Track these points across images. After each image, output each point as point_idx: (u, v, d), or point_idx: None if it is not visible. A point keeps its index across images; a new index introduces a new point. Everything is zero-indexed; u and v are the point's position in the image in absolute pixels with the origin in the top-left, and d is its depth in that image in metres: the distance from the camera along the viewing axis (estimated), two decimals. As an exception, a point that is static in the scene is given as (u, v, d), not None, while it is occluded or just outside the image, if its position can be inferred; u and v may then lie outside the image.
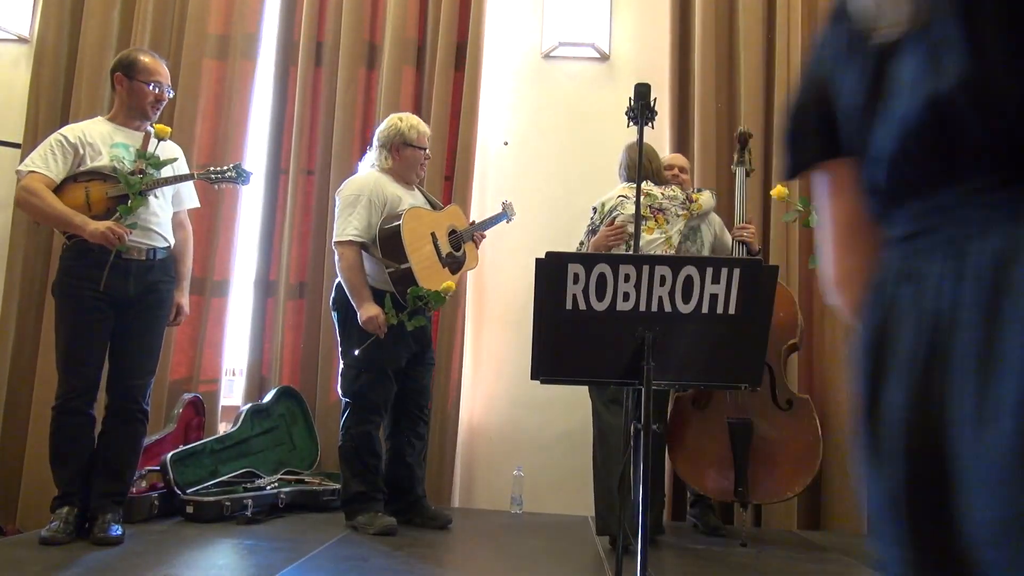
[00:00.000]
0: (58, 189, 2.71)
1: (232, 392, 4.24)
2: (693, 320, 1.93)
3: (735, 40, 4.11)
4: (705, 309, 1.93)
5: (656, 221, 3.18)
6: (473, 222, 3.45)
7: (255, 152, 4.19)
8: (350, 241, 3.06)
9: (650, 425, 1.91)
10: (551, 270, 1.93)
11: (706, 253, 3.45)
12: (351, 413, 3.11)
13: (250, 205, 4.16)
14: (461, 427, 4.01)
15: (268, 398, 3.80)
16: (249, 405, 3.74)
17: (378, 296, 3.04)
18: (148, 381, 2.81)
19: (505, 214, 3.56)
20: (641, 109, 2.28)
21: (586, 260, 1.92)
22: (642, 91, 2.31)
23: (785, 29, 4.01)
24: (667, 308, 1.92)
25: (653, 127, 2.34)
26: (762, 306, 1.94)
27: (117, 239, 2.62)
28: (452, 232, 3.27)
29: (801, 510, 3.76)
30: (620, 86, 4.23)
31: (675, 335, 1.94)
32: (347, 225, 3.09)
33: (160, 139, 2.85)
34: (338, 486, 3.57)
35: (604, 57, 4.28)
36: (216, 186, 3.03)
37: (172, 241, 2.88)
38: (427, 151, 3.33)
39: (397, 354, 3.12)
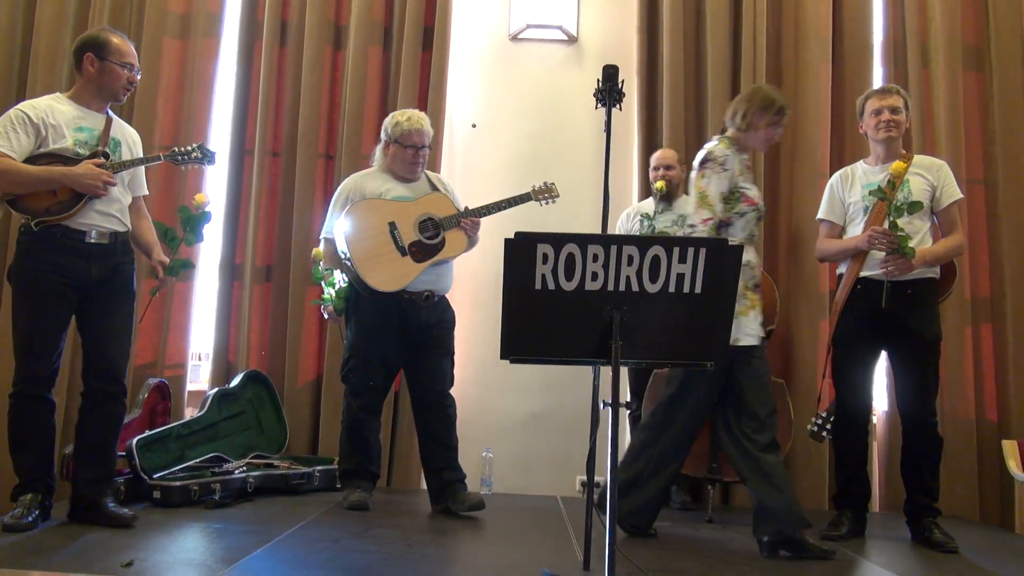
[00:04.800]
0: None
1: (199, 377, 4.20)
2: (660, 299, 1.96)
3: (702, 23, 4.13)
4: (672, 288, 1.96)
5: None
6: (465, 209, 3.26)
7: (219, 133, 4.14)
8: (325, 239, 3.27)
9: (619, 403, 1.93)
10: (520, 250, 1.94)
11: None
12: (344, 396, 3.27)
13: (215, 187, 4.10)
14: (431, 410, 4.01)
15: (235, 382, 3.77)
16: (216, 390, 3.71)
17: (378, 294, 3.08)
18: (123, 362, 2.77)
19: (529, 196, 3.31)
20: (609, 91, 2.29)
21: (555, 240, 1.93)
22: (610, 73, 2.32)
23: (752, 12, 4.05)
24: (635, 287, 1.95)
25: (621, 109, 2.35)
26: (727, 285, 1.97)
27: (105, 185, 2.61)
28: (426, 220, 3.17)
29: (765, 487, 3.83)
30: (588, 69, 4.24)
31: (643, 314, 1.96)
32: (326, 223, 3.28)
33: (200, 206, 2.87)
34: (307, 469, 3.58)
35: (572, 40, 4.28)
36: (182, 167, 2.98)
37: (129, 226, 2.81)
38: (418, 149, 3.20)
39: (382, 343, 3.16)
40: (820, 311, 3.86)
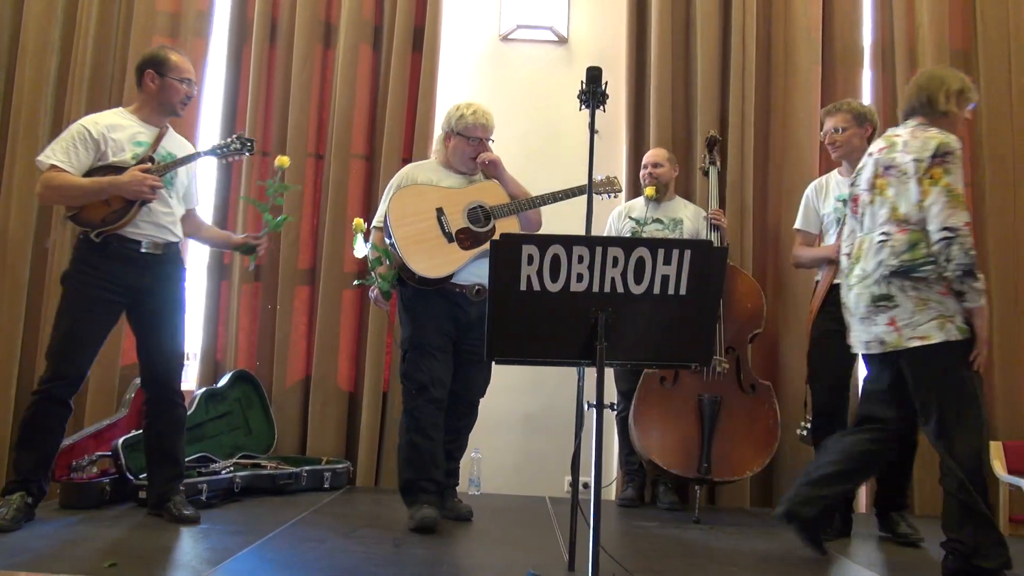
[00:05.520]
0: None
1: (186, 377, 4.17)
2: (645, 300, 1.96)
3: (691, 26, 4.14)
4: (657, 290, 1.96)
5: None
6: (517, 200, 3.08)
7: (208, 132, 4.12)
8: (375, 227, 3.12)
9: (603, 404, 1.94)
10: (505, 251, 1.94)
11: None
12: (404, 397, 3.00)
13: (204, 186, 4.07)
14: (419, 410, 4.01)
15: (223, 382, 3.76)
16: (203, 389, 3.70)
17: (425, 281, 2.92)
18: (179, 366, 2.90)
19: (583, 189, 3.22)
20: (593, 93, 2.29)
21: (540, 242, 1.94)
22: (594, 74, 2.32)
23: (741, 15, 4.06)
24: (620, 289, 1.95)
25: (604, 110, 2.35)
26: (712, 286, 1.97)
27: (151, 189, 2.68)
28: (475, 207, 3.01)
29: (754, 489, 3.85)
30: (578, 70, 4.18)
31: (628, 315, 1.97)
32: (378, 212, 3.15)
33: (281, 169, 2.93)
34: (295, 470, 3.57)
35: (562, 40, 4.28)
36: (223, 161, 2.99)
37: (182, 236, 2.92)
38: (479, 141, 3.08)
39: (428, 330, 2.95)
40: (808, 315, 3.86)
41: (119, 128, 2.79)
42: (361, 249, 3.00)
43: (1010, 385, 3.91)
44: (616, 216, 3.83)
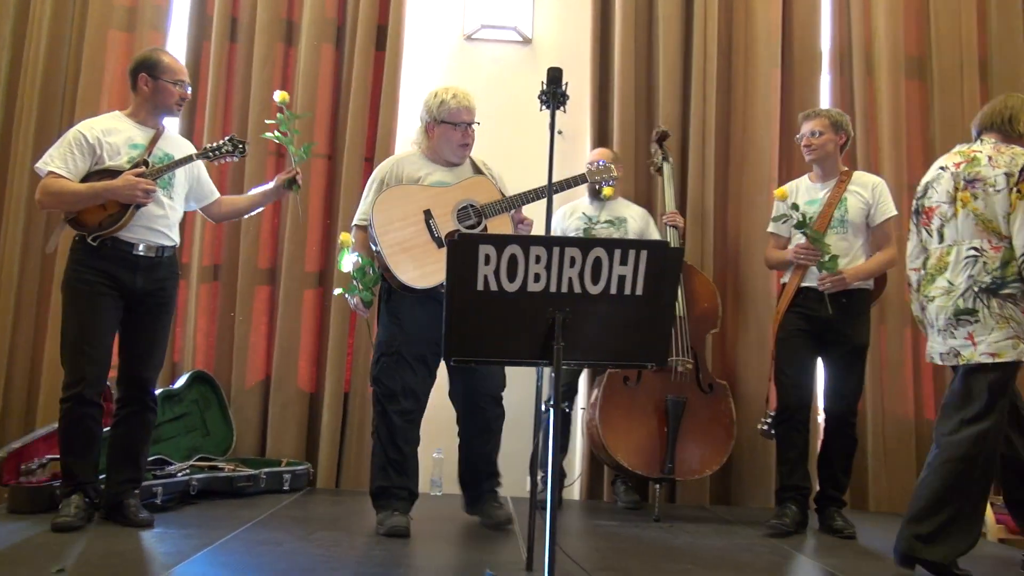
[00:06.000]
0: None
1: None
2: (602, 301, 1.97)
3: (654, 28, 4.18)
4: (614, 290, 1.97)
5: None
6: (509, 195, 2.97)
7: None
8: (357, 226, 2.98)
9: (560, 404, 1.94)
10: (462, 251, 1.94)
11: None
12: (373, 402, 2.93)
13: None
14: (381, 410, 3.99)
15: (180, 383, 3.70)
16: (159, 390, 3.61)
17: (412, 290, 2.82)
18: (156, 373, 2.92)
19: (584, 179, 3.11)
20: (553, 93, 2.30)
21: (498, 242, 1.94)
22: (555, 75, 2.33)
23: (702, 19, 4.10)
24: (577, 289, 1.96)
25: (565, 111, 2.36)
26: (668, 287, 1.99)
27: (144, 192, 2.69)
28: (466, 207, 2.89)
29: (713, 487, 3.90)
30: (542, 70, 4.11)
31: (584, 316, 1.97)
32: (360, 209, 3.01)
33: (283, 103, 3.00)
34: (253, 472, 3.53)
35: (526, 41, 4.29)
36: (216, 163, 2.97)
37: (177, 241, 2.92)
38: (466, 126, 2.93)
39: (409, 338, 2.83)
40: (767, 315, 3.92)
41: (115, 132, 2.81)
42: (348, 264, 2.91)
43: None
44: (563, 215, 3.77)
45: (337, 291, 3.23)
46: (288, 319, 3.93)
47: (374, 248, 2.85)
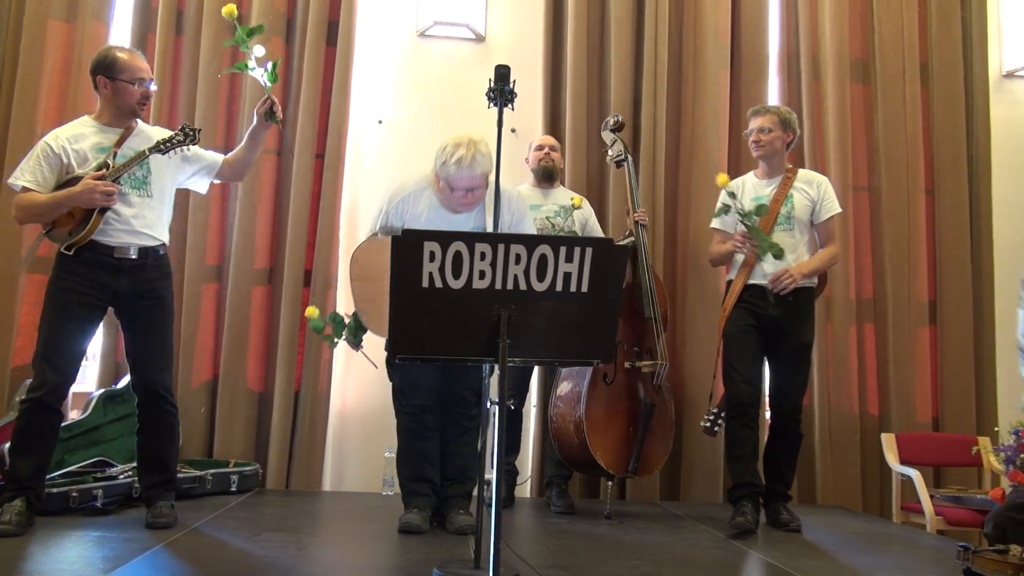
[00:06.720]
0: None
1: (85, 378, 4.00)
2: (547, 298, 1.98)
3: (606, 29, 4.20)
4: (559, 287, 1.98)
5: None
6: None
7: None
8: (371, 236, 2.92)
9: (505, 401, 1.94)
10: (407, 248, 1.92)
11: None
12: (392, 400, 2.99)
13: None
14: (333, 409, 3.96)
15: (123, 383, 3.60)
16: (101, 391, 3.54)
17: None
18: (166, 374, 2.87)
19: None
20: (500, 91, 2.29)
21: (442, 238, 1.93)
22: (502, 72, 2.32)
23: (653, 21, 4.14)
24: (522, 286, 1.96)
25: (513, 109, 2.36)
26: (613, 284, 2.00)
27: (104, 195, 2.64)
28: None
29: (662, 483, 3.94)
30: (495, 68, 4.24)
31: (530, 313, 1.98)
32: (371, 226, 2.96)
33: (231, 17, 2.86)
34: (199, 473, 3.46)
35: (479, 39, 4.28)
36: (169, 156, 2.84)
37: (163, 239, 2.86)
38: (469, 191, 2.74)
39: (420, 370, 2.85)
40: (716, 311, 3.97)
41: (81, 138, 2.77)
42: (319, 327, 2.94)
43: (902, 380, 4.12)
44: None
45: (323, 337, 3.03)
46: (236, 316, 3.87)
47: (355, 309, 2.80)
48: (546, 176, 3.63)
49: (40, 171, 2.71)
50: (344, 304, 3.78)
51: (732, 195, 3.18)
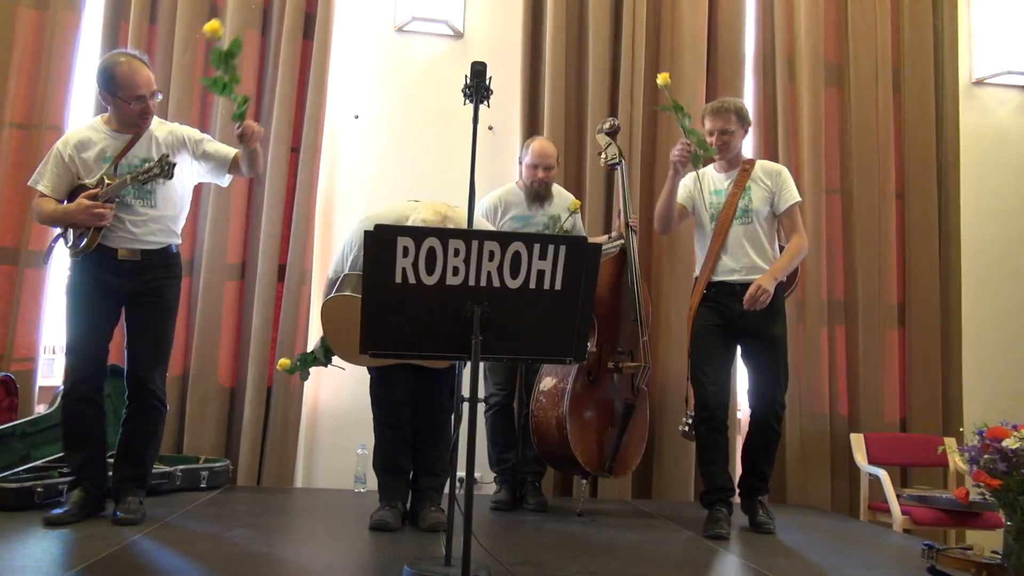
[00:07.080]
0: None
1: (52, 372, 3.94)
2: (521, 295, 1.98)
3: (584, 28, 4.21)
4: (532, 284, 1.98)
5: None
6: None
7: (80, 113, 3.88)
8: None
9: (476, 398, 1.94)
10: (381, 243, 1.91)
11: None
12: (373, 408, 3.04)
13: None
14: (305, 405, 3.93)
15: (91, 378, 3.55)
16: (68, 385, 3.47)
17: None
18: (155, 371, 2.88)
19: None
20: (476, 87, 2.29)
21: (416, 234, 1.92)
22: (478, 69, 2.32)
23: (631, 21, 4.16)
24: (496, 283, 1.96)
25: (489, 105, 2.35)
26: (586, 282, 2.01)
27: (96, 217, 2.68)
28: None
29: (635, 481, 3.96)
30: None
31: (503, 309, 1.98)
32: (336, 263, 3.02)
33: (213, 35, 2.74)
34: (168, 469, 3.41)
35: (458, 35, 4.27)
36: (147, 186, 2.78)
37: (172, 241, 2.89)
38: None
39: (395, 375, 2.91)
40: (688, 311, 4.00)
41: (90, 145, 2.79)
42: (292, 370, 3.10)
43: (871, 381, 4.17)
44: (491, 208, 3.50)
45: (290, 370, 3.14)
46: (208, 311, 3.83)
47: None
48: (536, 198, 3.46)
49: (53, 175, 2.80)
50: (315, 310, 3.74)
51: (677, 105, 3.07)
